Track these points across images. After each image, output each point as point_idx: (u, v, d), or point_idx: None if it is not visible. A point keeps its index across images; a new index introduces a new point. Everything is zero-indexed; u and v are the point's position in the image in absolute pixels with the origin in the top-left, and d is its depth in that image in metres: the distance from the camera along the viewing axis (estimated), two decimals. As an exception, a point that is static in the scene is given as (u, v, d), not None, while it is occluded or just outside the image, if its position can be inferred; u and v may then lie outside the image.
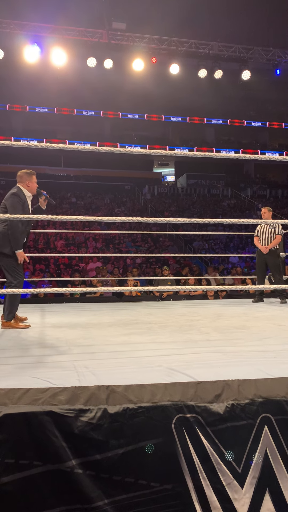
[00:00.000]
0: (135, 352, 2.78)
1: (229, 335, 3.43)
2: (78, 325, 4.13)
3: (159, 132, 30.21)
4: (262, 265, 6.37)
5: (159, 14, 19.85)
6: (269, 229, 6.25)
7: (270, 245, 6.20)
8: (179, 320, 4.39)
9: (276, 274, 6.30)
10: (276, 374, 2.10)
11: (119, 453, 1.82)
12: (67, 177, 27.58)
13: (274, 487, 1.93)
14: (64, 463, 1.76)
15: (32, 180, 4.03)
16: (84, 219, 2.63)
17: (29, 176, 4.02)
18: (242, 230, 16.97)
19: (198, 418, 1.92)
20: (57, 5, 19.38)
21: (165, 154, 2.67)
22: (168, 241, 18.64)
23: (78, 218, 2.61)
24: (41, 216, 2.67)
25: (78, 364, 2.36)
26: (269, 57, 21.33)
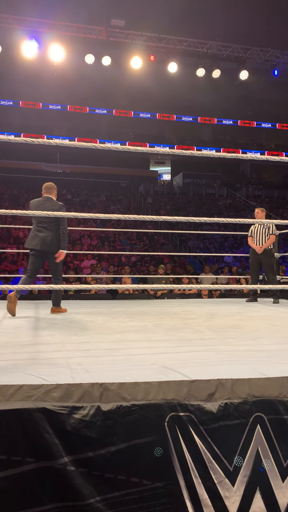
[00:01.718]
0: (129, 350, 2.78)
1: (223, 334, 3.44)
2: (72, 322, 4.12)
3: (156, 130, 30.20)
4: (256, 265, 6.39)
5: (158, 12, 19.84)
6: (263, 229, 6.27)
7: (265, 245, 6.22)
8: (174, 319, 4.39)
9: (270, 274, 6.32)
10: (269, 374, 2.11)
11: (112, 451, 1.82)
12: (63, 173, 27.50)
13: (265, 485, 1.94)
14: (56, 460, 1.76)
15: (55, 192, 5.01)
16: (80, 215, 2.62)
17: (53, 188, 4.98)
18: (237, 229, 17.03)
19: (191, 417, 1.92)
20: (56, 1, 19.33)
21: (162, 152, 2.67)
22: (163, 240, 18.66)
23: (74, 214, 2.60)
24: (36, 212, 2.66)
25: (72, 361, 2.35)
26: (267, 57, 21.37)
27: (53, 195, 4.90)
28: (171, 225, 18.92)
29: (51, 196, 4.88)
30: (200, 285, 8.75)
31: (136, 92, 25.20)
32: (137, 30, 18.85)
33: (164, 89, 23.89)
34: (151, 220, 2.79)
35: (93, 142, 25.02)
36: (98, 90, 25.03)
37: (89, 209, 20.73)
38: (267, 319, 4.45)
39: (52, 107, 26.98)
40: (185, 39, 19.58)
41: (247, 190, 27.32)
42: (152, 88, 23.66)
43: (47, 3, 19.08)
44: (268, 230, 6.24)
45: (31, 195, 22.34)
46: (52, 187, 4.94)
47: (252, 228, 6.45)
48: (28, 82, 23.53)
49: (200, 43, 19.82)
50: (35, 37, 16.21)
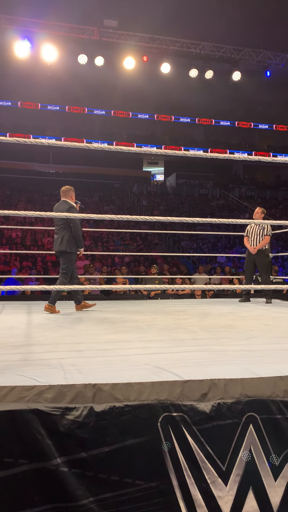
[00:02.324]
0: (122, 351, 2.77)
1: (216, 334, 3.45)
2: (65, 323, 4.11)
3: (149, 130, 30.20)
4: (251, 265, 6.42)
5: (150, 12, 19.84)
6: (258, 230, 6.30)
7: (259, 245, 6.25)
8: (167, 319, 4.39)
9: (264, 274, 6.35)
10: (262, 374, 2.11)
11: (105, 452, 1.82)
12: (56, 174, 27.42)
13: (257, 485, 1.94)
14: (49, 461, 1.75)
15: (72, 194, 5.16)
16: (73, 216, 2.61)
17: (69, 191, 5.14)
18: (230, 230, 17.07)
19: (184, 417, 1.92)
20: (48, 1, 19.25)
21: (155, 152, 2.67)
22: (157, 240, 18.67)
23: (67, 215, 2.59)
24: (29, 212, 2.65)
25: (64, 362, 2.35)
26: (259, 58, 21.47)
27: (68, 198, 5.06)
28: (165, 226, 18.94)
29: (66, 199, 5.06)
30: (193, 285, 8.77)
31: (129, 93, 25.17)
32: (130, 31, 18.85)
33: (157, 90, 23.88)
34: (144, 220, 2.79)
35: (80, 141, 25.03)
36: (91, 91, 24.96)
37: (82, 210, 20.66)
38: (260, 319, 4.47)
39: (50, 107, 26.93)
40: (178, 40, 19.62)
41: (240, 191, 27.41)
42: (145, 89, 23.64)
43: (40, 3, 18.98)
44: (263, 231, 6.27)
45: (23, 195, 22.29)
46: (67, 190, 5.12)
47: (248, 227, 6.48)
48: (21, 82, 23.42)
49: (193, 44, 19.86)
50: (28, 37, 16.16)
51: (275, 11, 22.00)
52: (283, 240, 19.33)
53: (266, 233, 6.28)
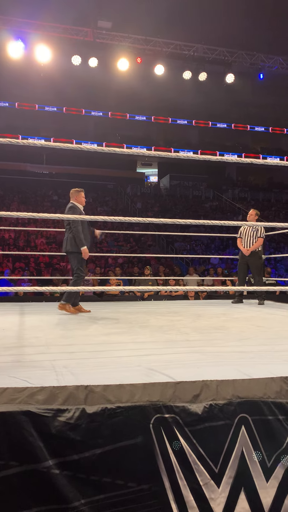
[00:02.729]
0: (114, 352, 2.77)
1: (209, 336, 3.45)
2: (58, 325, 4.10)
3: (143, 132, 30.22)
4: (244, 266, 6.45)
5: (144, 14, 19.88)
6: (252, 232, 6.32)
7: (252, 247, 6.27)
8: (160, 320, 4.40)
9: (256, 275, 6.38)
10: (253, 375, 2.12)
11: (97, 453, 1.81)
12: (49, 174, 27.35)
13: (249, 486, 1.95)
14: (41, 463, 1.75)
15: (79, 196, 5.18)
16: (66, 217, 2.61)
17: (76, 193, 5.19)
18: (223, 231, 17.12)
19: (176, 418, 1.92)
20: (42, 2, 19.21)
21: (148, 154, 2.68)
22: (150, 241, 18.67)
23: (60, 216, 2.58)
24: (21, 213, 2.64)
25: (57, 363, 2.34)
26: (253, 61, 21.59)
27: (73, 199, 5.16)
28: (158, 227, 18.97)
29: (71, 200, 5.18)
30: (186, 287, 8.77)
31: (123, 94, 25.21)
32: (123, 32, 18.88)
33: (151, 91, 23.93)
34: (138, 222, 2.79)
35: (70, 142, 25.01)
36: (85, 92, 24.97)
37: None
38: (252, 320, 4.48)
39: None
40: (172, 42, 19.67)
41: (233, 193, 27.51)
42: (139, 90, 23.69)
43: (33, 4, 18.94)
44: (257, 233, 6.30)
45: (16, 196, 22.21)
46: (72, 192, 5.21)
47: (241, 229, 6.51)
48: (14, 83, 23.37)
49: (187, 46, 19.93)
50: (21, 37, 16.13)
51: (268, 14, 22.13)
52: (276, 241, 19.42)
53: (260, 235, 6.31)
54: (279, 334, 3.62)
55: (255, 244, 6.28)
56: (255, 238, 6.29)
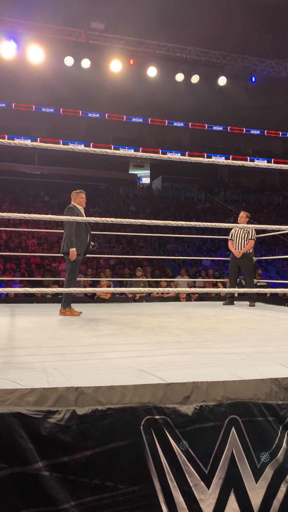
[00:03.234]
0: (105, 354, 2.77)
1: (200, 337, 3.46)
2: (49, 326, 4.09)
3: (135, 133, 30.25)
4: (235, 268, 6.48)
5: (137, 16, 19.91)
6: (243, 234, 6.36)
7: (244, 249, 6.31)
8: (151, 322, 4.40)
9: (247, 277, 6.42)
10: (244, 376, 2.13)
11: (87, 455, 1.81)
12: (41, 175, 27.25)
13: (239, 487, 1.96)
14: (30, 465, 1.74)
15: (78, 197, 5.23)
16: (57, 218, 2.60)
17: (76, 194, 5.26)
18: (215, 233, 17.20)
19: (166, 420, 1.92)
20: (35, 2, 19.16)
21: (140, 155, 2.68)
22: (142, 243, 18.68)
23: (51, 217, 2.58)
24: (12, 214, 2.63)
25: (47, 365, 2.33)
26: (245, 64, 21.73)
27: (73, 201, 5.22)
28: (150, 228, 18.98)
29: (72, 202, 5.23)
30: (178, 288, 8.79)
31: (116, 96, 25.22)
32: (116, 34, 18.90)
33: (143, 93, 23.97)
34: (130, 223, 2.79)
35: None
36: (78, 92, 24.93)
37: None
38: (243, 322, 4.51)
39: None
40: (164, 44, 19.73)
41: (225, 195, 27.62)
42: (131, 92, 23.72)
43: (26, 4, 18.88)
44: (248, 235, 6.34)
45: (8, 196, 22.08)
46: (73, 193, 5.26)
47: (232, 231, 6.54)
48: (6, 83, 23.26)
49: (179, 48, 20.00)
50: (14, 37, 16.07)
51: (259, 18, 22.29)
52: (267, 244, 19.54)
53: (251, 237, 6.34)
54: (269, 336, 3.64)
55: (247, 246, 6.31)
56: (247, 240, 6.33)
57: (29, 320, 4.53)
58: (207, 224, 2.89)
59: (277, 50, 22.99)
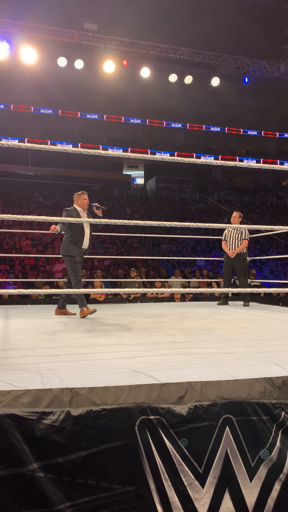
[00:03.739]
0: (100, 354, 2.77)
1: (194, 337, 3.47)
2: (43, 327, 4.08)
3: (129, 134, 30.25)
4: (229, 268, 6.50)
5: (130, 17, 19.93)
6: (236, 234, 6.39)
7: (237, 249, 6.33)
8: (146, 322, 4.40)
9: (242, 277, 6.44)
10: (238, 376, 2.14)
11: (82, 456, 1.81)
12: (34, 176, 27.16)
13: (233, 486, 1.97)
14: (25, 466, 1.74)
15: (80, 199, 5.16)
16: (51, 219, 2.60)
17: (78, 196, 5.19)
18: (209, 234, 17.25)
19: (161, 420, 1.93)
20: (28, 3, 19.11)
21: (134, 156, 2.69)
22: (137, 244, 18.68)
23: (44, 218, 2.58)
24: (5, 216, 2.63)
25: (41, 366, 2.33)
26: (238, 65, 21.82)
27: (75, 203, 5.19)
28: (144, 229, 18.99)
29: (73, 204, 5.20)
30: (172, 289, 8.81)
31: (109, 96, 25.22)
32: (109, 35, 18.91)
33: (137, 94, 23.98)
34: (123, 224, 2.80)
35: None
36: (71, 93, 24.90)
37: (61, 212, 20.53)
38: (237, 322, 4.52)
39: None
40: (158, 45, 19.77)
41: (219, 195, 27.68)
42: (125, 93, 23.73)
43: (19, 4, 18.83)
44: (242, 235, 6.36)
45: (1, 198, 22.00)
46: (75, 196, 5.21)
47: (226, 231, 6.56)
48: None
49: (173, 49, 20.05)
50: (6, 38, 16.03)
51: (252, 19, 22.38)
52: (261, 244, 19.62)
53: (244, 237, 6.37)
54: (263, 336, 3.66)
55: (240, 246, 6.34)
56: (240, 240, 6.35)
57: (23, 321, 4.52)
58: (201, 224, 2.90)
59: (270, 51, 23.12)
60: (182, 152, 28.87)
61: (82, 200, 5.16)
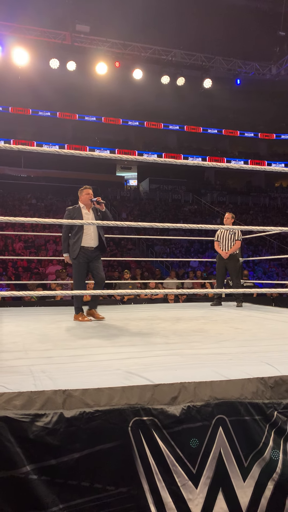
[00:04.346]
0: (93, 356, 2.77)
1: (188, 338, 3.48)
2: (36, 329, 4.07)
3: (122, 135, 30.27)
4: (222, 269, 6.53)
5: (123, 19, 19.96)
6: (229, 235, 6.41)
7: (231, 250, 6.35)
8: (139, 324, 4.41)
9: (235, 278, 6.47)
10: (230, 376, 2.15)
11: (75, 458, 1.81)
12: (27, 178, 27.07)
13: (227, 486, 1.97)
14: (18, 469, 1.73)
15: (82, 194, 4.85)
16: (43, 221, 2.60)
17: (80, 191, 4.88)
18: (202, 235, 17.30)
19: (154, 421, 1.93)
20: (19, 4, 19.07)
21: (126, 158, 2.69)
22: (130, 245, 18.68)
23: (37, 220, 2.58)
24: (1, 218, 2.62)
25: (35, 368, 2.32)
26: (229, 66, 21.92)
27: (79, 200, 4.89)
28: (138, 230, 19.00)
29: (79, 201, 4.89)
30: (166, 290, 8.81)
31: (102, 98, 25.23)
32: (102, 36, 18.92)
33: (129, 95, 24.01)
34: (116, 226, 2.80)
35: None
36: (64, 94, 24.88)
37: (54, 214, 20.50)
38: (231, 323, 4.54)
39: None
40: (150, 47, 19.82)
41: (212, 196, 27.77)
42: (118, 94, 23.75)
43: (11, 6, 18.78)
44: (234, 236, 6.39)
45: (-6, 200, 21.91)
46: (79, 192, 4.90)
47: (218, 232, 6.58)
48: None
49: (165, 50, 20.11)
50: (-2, 39, 15.98)
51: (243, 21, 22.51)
52: (254, 245, 19.70)
53: (237, 238, 6.40)
54: (256, 336, 3.67)
55: (233, 247, 6.36)
56: (233, 241, 6.38)
57: (16, 323, 4.50)
58: (193, 226, 2.91)
59: (262, 53, 23.25)
60: (175, 154, 28.95)
61: (84, 196, 4.83)
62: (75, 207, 4.82)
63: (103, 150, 27.68)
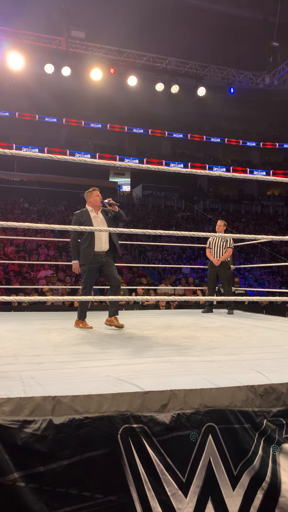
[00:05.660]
0: (83, 362, 2.75)
1: (178, 345, 3.48)
2: (26, 335, 4.04)
3: (116, 141, 30.36)
4: (214, 276, 6.54)
5: (118, 26, 20.11)
6: (221, 242, 6.44)
7: (222, 257, 6.38)
8: (130, 330, 4.40)
9: (226, 285, 6.48)
10: (220, 384, 2.15)
11: (64, 465, 1.79)
12: (20, 182, 27.00)
13: (216, 495, 1.96)
14: (5, 476, 1.71)
15: (92, 196, 4.59)
16: (36, 226, 2.59)
17: (89, 194, 4.63)
18: (194, 241, 17.35)
19: (144, 428, 1.92)
20: (15, 9, 19.13)
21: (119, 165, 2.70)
22: (122, 251, 18.67)
23: (29, 225, 2.57)
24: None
25: (24, 374, 2.31)
26: (223, 75, 22.12)
27: (87, 204, 4.66)
28: (130, 236, 19.00)
29: (86, 205, 4.68)
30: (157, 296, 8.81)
31: (96, 103, 25.32)
32: (97, 43, 19.01)
33: (124, 101, 24.11)
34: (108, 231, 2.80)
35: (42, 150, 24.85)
36: (59, 100, 24.93)
37: (46, 219, 20.45)
38: (221, 330, 4.54)
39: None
40: (145, 54, 19.95)
41: (204, 203, 27.93)
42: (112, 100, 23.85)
43: (6, 11, 18.82)
44: (226, 243, 6.41)
45: (-14, 204, 21.80)
46: (86, 194, 4.68)
47: (210, 239, 6.60)
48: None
49: (160, 58, 20.25)
50: (-7, 43, 15.97)
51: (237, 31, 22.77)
52: (245, 252, 19.79)
53: (229, 245, 6.43)
54: (246, 344, 3.68)
55: (225, 254, 6.39)
56: (225, 248, 6.40)
57: (6, 328, 4.47)
58: (185, 233, 2.92)
59: (255, 63, 23.52)
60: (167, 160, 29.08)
61: (94, 198, 4.56)
62: (83, 211, 4.61)
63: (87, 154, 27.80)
